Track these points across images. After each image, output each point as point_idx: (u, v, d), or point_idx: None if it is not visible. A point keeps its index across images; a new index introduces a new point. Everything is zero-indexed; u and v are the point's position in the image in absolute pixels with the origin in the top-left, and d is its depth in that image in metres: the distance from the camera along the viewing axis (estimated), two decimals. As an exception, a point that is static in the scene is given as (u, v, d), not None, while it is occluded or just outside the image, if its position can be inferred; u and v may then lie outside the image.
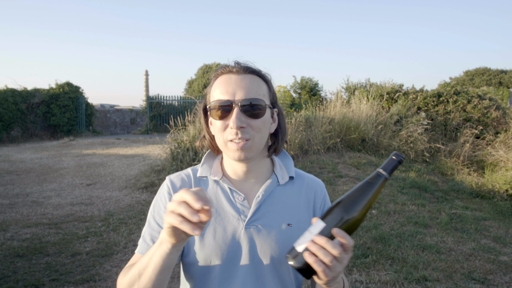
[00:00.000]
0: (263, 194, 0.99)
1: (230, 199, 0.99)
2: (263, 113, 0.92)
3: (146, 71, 24.81)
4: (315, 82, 22.36)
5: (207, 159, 1.06)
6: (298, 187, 1.04)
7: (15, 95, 16.20)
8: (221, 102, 0.91)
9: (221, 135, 0.93)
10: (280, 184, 1.02)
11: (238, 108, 0.89)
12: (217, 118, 0.92)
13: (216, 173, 1.02)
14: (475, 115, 9.01)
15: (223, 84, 0.92)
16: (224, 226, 0.95)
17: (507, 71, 35.00)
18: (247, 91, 0.91)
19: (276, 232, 0.96)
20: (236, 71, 0.94)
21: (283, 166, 1.06)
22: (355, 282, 3.12)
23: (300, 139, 6.94)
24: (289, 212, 0.99)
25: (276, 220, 0.97)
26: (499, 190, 6.04)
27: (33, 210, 5.44)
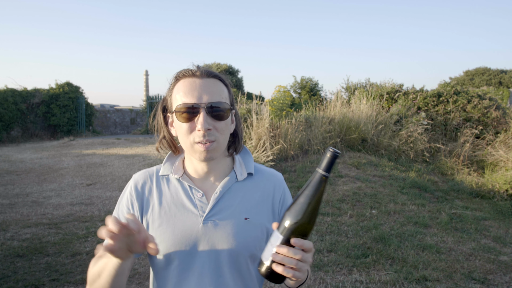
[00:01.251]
0: (220, 190, 1.03)
1: (190, 196, 1.03)
2: (227, 116, 0.98)
3: (146, 71, 24.82)
4: (315, 82, 22.36)
5: (169, 158, 1.10)
6: (256, 182, 1.08)
7: (15, 95, 16.20)
8: (188, 105, 0.94)
9: (187, 137, 0.96)
10: (239, 180, 1.06)
11: (204, 111, 0.93)
12: (184, 120, 0.95)
13: (177, 171, 1.06)
14: (475, 115, 9.01)
15: (188, 87, 0.95)
16: (183, 221, 1.00)
17: (507, 71, 34.99)
18: (212, 94, 0.95)
19: (233, 226, 0.99)
20: (200, 75, 0.97)
21: (242, 163, 1.10)
22: (355, 282, 3.12)
23: (300, 139, 6.94)
24: (247, 207, 1.03)
25: (233, 215, 1.01)
26: (499, 190, 6.04)
27: (33, 210, 5.45)
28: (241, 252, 0.99)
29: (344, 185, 5.70)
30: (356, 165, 6.55)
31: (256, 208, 1.04)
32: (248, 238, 1.00)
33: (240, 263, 0.99)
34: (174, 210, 1.02)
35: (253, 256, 1.01)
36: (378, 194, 5.37)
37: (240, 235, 0.99)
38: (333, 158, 0.81)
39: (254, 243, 1.01)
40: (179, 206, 1.02)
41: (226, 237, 0.99)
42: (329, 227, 4.32)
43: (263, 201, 1.06)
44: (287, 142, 6.69)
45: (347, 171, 6.28)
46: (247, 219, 1.01)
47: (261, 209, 1.05)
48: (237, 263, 0.99)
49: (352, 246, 3.80)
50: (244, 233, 0.99)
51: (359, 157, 6.99)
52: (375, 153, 7.50)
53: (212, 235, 0.99)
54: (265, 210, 1.05)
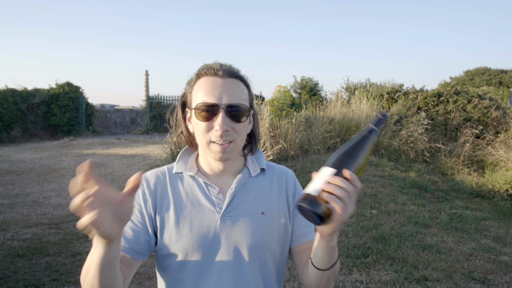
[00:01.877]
0: (235, 186, 1.03)
1: (206, 193, 1.02)
2: (245, 117, 0.98)
3: (146, 71, 24.81)
4: (315, 82, 22.36)
5: (182, 156, 1.10)
6: (269, 177, 1.09)
7: (15, 95, 16.20)
8: (208, 105, 0.94)
9: (204, 136, 0.96)
10: (252, 176, 1.07)
11: (224, 112, 0.93)
12: (202, 119, 0.95)
13: (191, 168, 1.05)
14: (475, 115, 9.01)
15: (209, 86, 0.96)
16: (200, 219, 0.99)
17: (507, 71, 34.98)
18: (232, 95, 0.95)
19: (250, 221, 1.00)
20: (222, 75, 0.97)
21: (254, 159, 1.11)
22: (355, 282, 3.12)
23: (300, 139, 6.94)
24: (262, 201, 1.04)
25: (250, 210, 1.01)
26: (499, 190, 6.04)
27: (33, 210, 5.45)
28: (261, 247, 0.99)
29: (344, 185, 5.70)
30: (356, 165, 6.55)
31: (271, 202, 1.05)
32: (266, 232, 1.00)
33: (260, 258, 1.00)
34: (190, 207, 1.01)
35: (271, 251, 1.01)
36: (378, 194, 5.37)
37: (258, 230, 0.99)
38: (383, 120, 0.88)
39: (272, 237, 1.01)
40: (195, 203, 1.01)
41: (244, 232, 0.98)
42: (329, 227, 4.31)
43: (277, 195, 1.07)
44: (287, 142, 6.69)
45: (347, 171, 6.28)
46: (264, 213, 1.02)
47: (276, 203, 1.05)
48: (257, 259, 0.99)
49: (352, 246, 3.80)
50: (262, 228, 1.00)
51: (359, 157, 6.99)
52: (375, 153, 7.50)
53: (231, 231, 0.98)
54: (280, 203, 1.06)
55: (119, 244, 0.84)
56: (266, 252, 1.00)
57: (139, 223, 1.01)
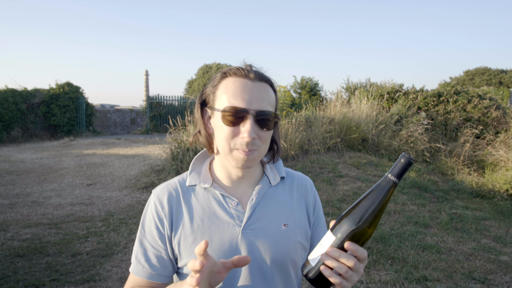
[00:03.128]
0: (256, 196, 0.97)
1: (223, 205, 0.97)
2: (272, 126, 0.91)
3: (146, 71, 24.81)
4: (315, 82, 22.36)
5: (194, 166, 1.03)
6: (289, 186, 1.04)
7: (15, 95, 16.20)
8: (237, 109, 0.87)
9: (227, 142, 0.89)
10: (272, 185, 1.02)
11: (252, 119, 0.87)
12: (228, 124, 0.88)
13: (205, 180, 0.99)
14: (475, 115, 9.01)
15: (239, 89, 0.88)
16: (220, 234, 0.94)
17: (507, 71, 34.98)
18: (261, 101, 0.89)
19: (273, 234, 0.95)
20: (253, 77, 0.90)
21: (273, 167, 1.06)
22: (355, 282, 3.12)
23: (300, 139, 6.94)
24: (284, 212, 0.99)
25: (272, 222, 0.96)
26: (499, 190, 6.04)
27: (33, 210, 5.45)
28: (284, 260, 0.95)
29: (344, 185, 5.70)
30: (356, 165, 6.55)
31: (292, 214, 1.00)
32: (290, 245, 0.96)
33: (283, 273, 0.96)
34: (208, 222, 0.95)
35: (295, 263, 0.98)
36: (378, 194, 5.37)
37: (281, 243, 0.95)
38: (407, 165, 0.75)
39: (296, 249, 0.97)
40: (213, 218, 0.95)
41: (268, 246, 0.94)
42: (329, 227, 4.32)
43: (298, 205, 1.02)
44: (287, 142, 6.68)
45: (347, 171, 6.28)
46: (286, 225, 0.97)
47: (298, 214, 1.01)
48: (281, 273, 0.95)
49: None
50: (285, 240, 0.95)
51: (359, 157, 6.99)
52: (375, 153, 7.50)
53: (253, 245, 0.93)
54: (301, 214, 1.02)
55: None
56: (290, 265, 0.97)
57: (160, 248, 0.96)
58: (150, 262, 0.95)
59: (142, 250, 0.97)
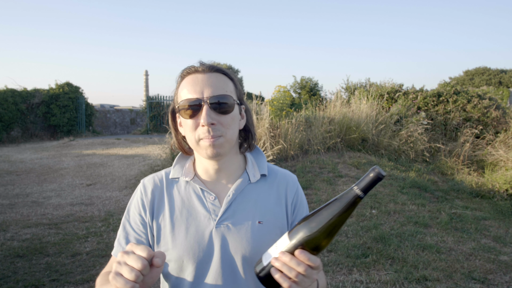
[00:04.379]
0: (233, 193, 1.00)
1: (202, 199, 1.01)
2: (231, 109, 0.94)
3: (146, 71, 24.81)
4: (315, 82, 22.37)
5: (179, 160, 1.08)
6: (270, 184, 1.05)
7: (15, 95, 16.20)
8: (190, 101, 0.92)
9: (192, 134, 0.94)
10: (252, 182, 1.03)
11: (207, 106, 0.91)
12: (188, 117, 0.93)
13: (187, 173, 1.03)
14: (475, 114, 9.01)
15: (190, 83, 0.94)
16: (196, 226, 0.98)
17: (507, 71, 34.99)
18: (214, 88, 0.93)
19: (246, 230, 0.97)
20: (202, 70, 0.95)
21: (255, 163, 1.07)
22: (355, 282, 3.12)
23: (300, 139, 6.94)
24: (260, 210, 1.00)
25: (247, 218, 0.99)
26: (499, 189, 6.04)
27: (33, 210, 5.44)
28: (255, 256, 0.96)
29: (344, 185, 5.70)
30: (356, 165, 6.55)
31: (270, 211, 1.01)
32: (262, 242, 0.96)
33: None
34: (186, 214, 0.99)
35: None
36: (378, 194, 5.37)
37: (254, 240, 0.97)
38: (376, 180, 0.71)
39: (268, 247, 0.98)
40: (191, 210, 1.00)
41: (240, 241, 0.96)
42: (329, 227, 4.32)
43: (277, 203, 1.03)
44: (287, 142, 6.68)
45: (347, 171, 6.28)
46: (261, 222, 0.99)
47: (275, 212, 1.02)
48: (252, 268, 0.96)
49: (352, 246, 3.80)
50: (258, 238, 0.97)
51: (359, 157, 6.99)
52: (375, 153, 7.50)
53: (226, 240, 0.96)
54: (279, 213, 1.03)
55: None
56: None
57: (142, 233, 1.01)
58: (127, 243, 1.00)
59: (124, 234, 1.02)
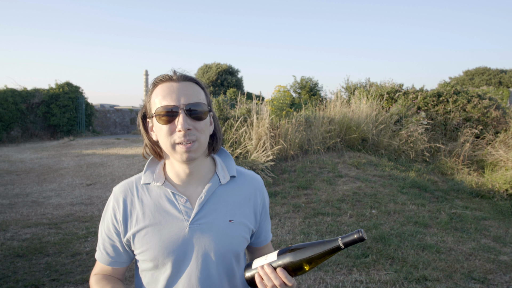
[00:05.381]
0: (205, 195, 1.06)
1: (173, 202, 1.05)
2: (205, 116, 1.01)
3: (146, 71, 24.83)
4: (315, 82, 22.37)
5: (149, 165, 1.11)
6: (239, 185, 1.13)
7: (15, 95, 16.19)
8: (167, 108, 0.97)
9: (167, 139, 0.99)
10: (222, 184, 1.10)
11: (184, 112, 0.97)
12: (164, 123, 0.98)
13: (158, 178, 1.07)
14: (475, 114, 9.01)
15: (166, 91, 0.99)
16: (170, 227, 1.03)
17: (507, 71, 34.99)
18: (189, 96, 0.99)
19: (218, 229, 1.05)
20: (176, 79, 1.01)
21: (224, 166, 1.14)
22: (355, 282, 3.12)
23: (300, 139, 6.94)
24: (231, 210, 1.08)
25: (219, 217, 1.06)
26: (499, 189, 6.05)
27: (33, 210, 5.44)
28: (227, 252, 1.05)
29: (344, 185, 5.70)
30: (356, 165, 6.55)
31: (239, 210, 1.09)
32: (233, 239, 1.06)
33: (225, 263, 1.06)
34: (159, 217, 1.04)
35: (237, 255, 1.09)
36: (378, 194, 5.37)
37: (225, 237, 1.05)
38: (359, 241, 0.87)
39: (238, 243, 1.08)
40: (163, 213, 1.04)
41: (212, 239, 1.03)
42: (329, 227, 4.32)
43: (245, 203, 1.12)
44: (287, 142, 6.68)
45: (347, 171, 6.28)
46: (232, 221, 1.07)
47: (244, 211, 1.10)
48: (223, 263, 1.05)
49: (352, 246, 3.80)
50: (229, 235, 1.05)
51: (359, 157, 6.99)
52: (375, 153, 7.49)
53: (199, 239, 1.03)
54: (247, 211, 1.11)
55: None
56: (232, 256, 1.07)
57: (115, 239, 1.09)
58: (107, 251, 1.09)
59: (101, 240, 1.11)
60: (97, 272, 1.12)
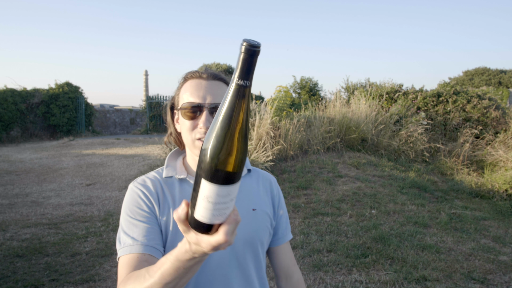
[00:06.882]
0: None
1: None
2: None
3: (145, 71, 24.81)
4: (315, 82, 22.39)
5: (170, 161, 1.13)
6: (255, 178, 1.17)
7: (15, 95, 16.18)
8: (193, 104, 1.01)
9: (189, 134, 1.02)
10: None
11: (207, 111, 1.00)
12: (187, 118, 1.02)
13: (181, 172, 1.09)
14: (474, 115, 9.02)
15: (194, 88, 1.03)
16: None
17: (507, 71, 35.00)
18: (215, 96, 1.02)
19: (244, 217, 1.05)
20: (206, 77, 1.04)
21: None
22: (355, 282, 3.12)
23: (300, 139, 6.94)
24: (252, 199, 1.11)
25: (243, 206, 1.06)
26: (498, 189, 6.05)
27: (33, 210, 5.44)
28: (254, 241, 1.06)
29: (344, 185, 5.70)
30: (355, 165, 6.55)
31: (260, 200, 1.12)
32: (258, 227, 1.08)
33: (253, 252, 1.06)
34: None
35: (262, 244, 1.09)
36: (378, 194, 5.37)
37: (251, 225, 1.06)
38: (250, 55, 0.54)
39: (263, 232, 1.09)
40: None
41: (240, 228, 1.00)
42: (328, 227, 4.32)
43: (264, 193, 1.15)
44: (287, 142, 6.68)
45: (347, 171, 6.28)
46: (255, 210, 1.09)
47: (264, 200, 1.13)
48: (252, 251, 1.06)
49: (352, 246, 3.80)
50: (255, 222, 1.07)
51: (359, 157, 6.99)
52: (374, 153, 7.50)
53: None
54: (267, 201, 1.14)
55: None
56: (259, 246, 1.07)
57: (152, 223, 0.98)
58: (143, 235, 0.94)
59: (131, 229, 0.95)
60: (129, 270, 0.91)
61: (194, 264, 0.71)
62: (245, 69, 0.55)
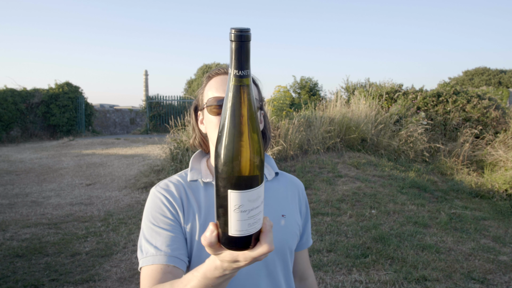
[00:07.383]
0: None
1: None
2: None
3: (145, 71, 24.83)
4: (315, 82, 22.39)
5: (194, 164, 1.07)
6: (283, 182, 1.12)
7: (15, 95, 16.19)
8: (219, 99, 0.95)
9: (215, 131, 0.96)
10: (268, 180, 1.08)
11: None
12: (214, 114, 0.96)
13: (206, 175, 1.03)
14: (474, 115, 9.02)
15: (219, 83, 0.98)
16: None
17: (507, 71, 35.00)
18: None
19: (274, 223, 0.99)
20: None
21: (267, 164, 1.12)
22: (355, 282, 3.12)
23: (300, 139, 6.94)
24: (281, 204, 1.06)
25: (272, 212, 1.02)
26: (498, 189, 6.05)
27: (33, 210, 5.44)
28: (284, 248, 1.01)
29: (344, 185, 5.70)
30: (355, 165, 6.55)
31: (288, 205, 1.08)
32: (288, 234, 1.03)
33: (283, 260, 1.02)
34: (214, 214, 0.97)
35: (291, 252, 1.05)
36: (378, 194, 5.37)
37: (281, 232, 1.00)
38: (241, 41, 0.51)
39: (293, 238, 1.04)
40: None
41: None
42: (328, 227, 4.32)
43: (292, 199, 1.10)
44: (287, 142, 6.68)
45: (347, 171, 6.28)
46: (284, 216, 1.04)
47: (292, 206, 1.09)
48: (281, 259, 1.01)
49: (352, 246, 3.80)
50: (284, 229, 1.02)
51: (359, 157, 6.99)
52: (374, 153, 7.50)
53: None
54: (295, 207, 1.10)
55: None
56: (288, 253, 1.03)
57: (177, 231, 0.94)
58: (166, 244, 0.89)
59: (154, 238, 0.91)
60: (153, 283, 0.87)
61: (223, 281, 0.68)
62: (240, 58, 0.51)
